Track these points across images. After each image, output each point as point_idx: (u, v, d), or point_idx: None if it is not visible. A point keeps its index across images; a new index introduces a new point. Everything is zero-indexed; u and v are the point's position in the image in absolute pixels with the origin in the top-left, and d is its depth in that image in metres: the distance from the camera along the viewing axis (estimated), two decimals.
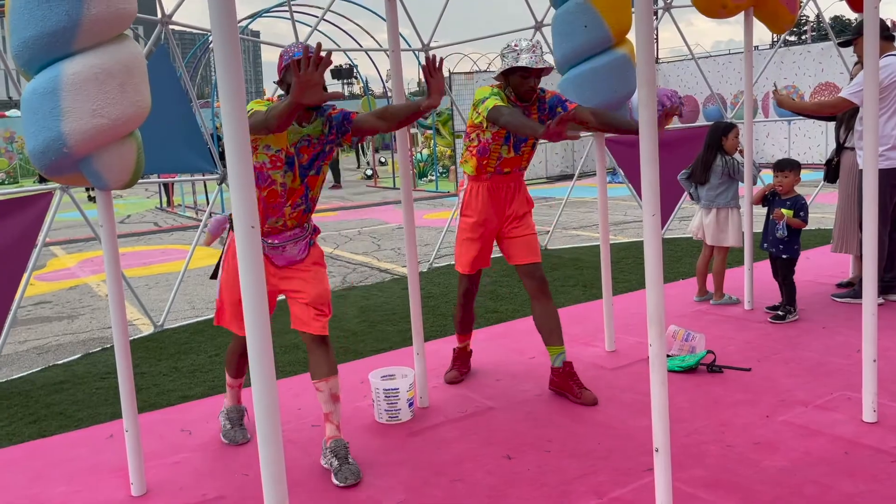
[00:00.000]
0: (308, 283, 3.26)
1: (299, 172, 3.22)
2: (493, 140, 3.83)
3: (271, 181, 3.17)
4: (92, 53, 2.51)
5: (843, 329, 4.71)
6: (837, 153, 5.52)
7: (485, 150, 3.86)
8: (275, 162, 3.14)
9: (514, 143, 3.87)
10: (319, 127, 3.23)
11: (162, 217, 15.63)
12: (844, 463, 3.00)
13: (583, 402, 3.76)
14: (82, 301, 7.73)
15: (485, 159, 3.87)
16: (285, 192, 3.21)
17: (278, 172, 3.15)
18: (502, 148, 3.85)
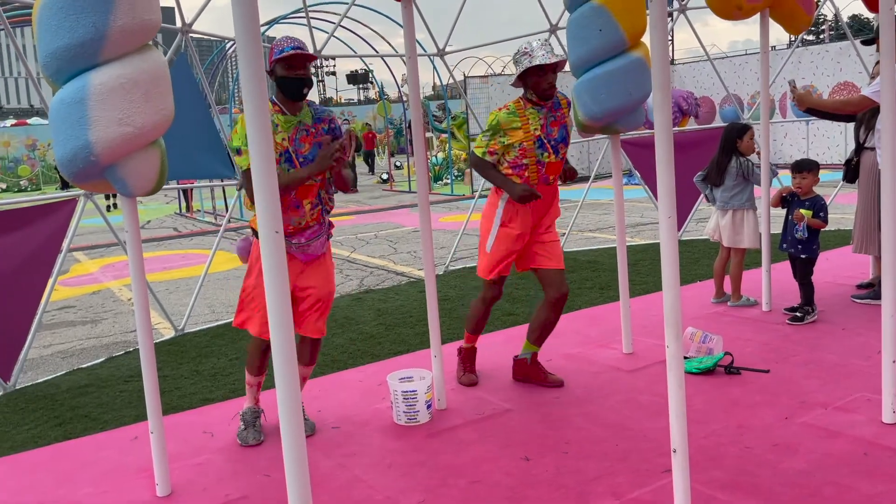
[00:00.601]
0: (322, 281, 3.54)
1: (301, 166, 3.38)
2: (523, 154, 3.86)
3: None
4: (118, 64, 2.58)
5: (863, 330, 4.69)
6: (857, 153, 5.49)
7: (518, 167, 3.89)
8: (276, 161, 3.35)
9: (552, 146, 3.90)
10: (309, 114, 3.46)
11: (181, 222, 15.80)
12: (864, 464, 3.00)
13: (551, 384, 4.08)
14: (105, 305, 7.85)
15: (525, 172, 3.89)
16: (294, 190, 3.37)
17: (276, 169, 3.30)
18: (541, 154, 3.87)
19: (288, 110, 3.41)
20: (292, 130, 3.40)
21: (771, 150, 17.58)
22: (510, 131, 3.87)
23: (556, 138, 3.92)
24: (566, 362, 4.50)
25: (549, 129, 3.92)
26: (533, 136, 3.86)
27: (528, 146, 3.86)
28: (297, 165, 3.38)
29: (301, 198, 3.42)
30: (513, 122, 3.87)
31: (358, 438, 3.62)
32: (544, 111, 3.92)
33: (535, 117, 3.89)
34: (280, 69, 3.33)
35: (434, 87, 31.59)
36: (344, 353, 5.18)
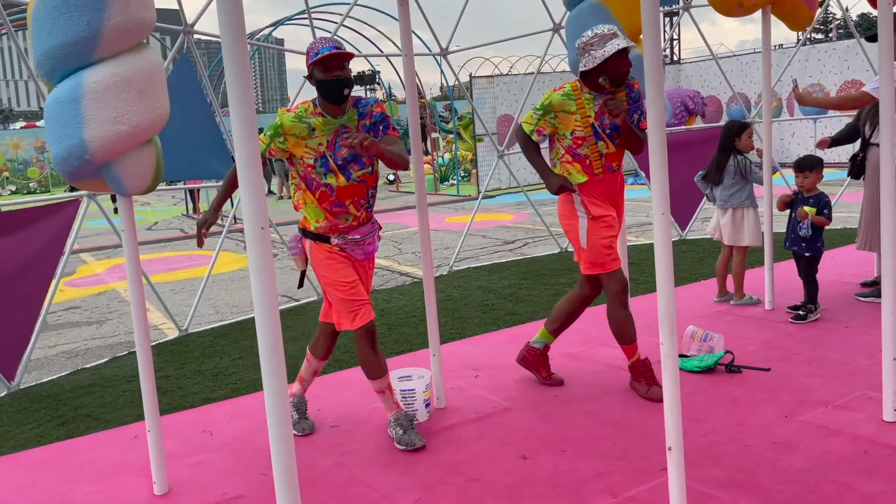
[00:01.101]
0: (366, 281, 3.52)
1: (339, 169, 3.31)
2: (578, 144, 3.72)
3: (316, 183, 3.33)
4: (112, 62, 2.59)
5: (867, 328, 4.65)
6: (863, 149, 5.46)
7: (577, 155, 3.75)
8: (306, 168, 3.32)
9: (608, 135, 3.72)
10: (355, 117, 3.36)
11: (188, 224, 15.85)
12: (864, 462, 2.98)
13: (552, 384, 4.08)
14: (110, 306, 7.88)
15: (587, 160, 3.74)
16: (333, 191, 3.33)
17: (313, 174, 3.32)
18: (598, 144, 3.72)
19: (329, 113, 3.30)
20: (332, 134, 3.30)
21: (778, 149, 17.52)
22: (562, 115, 3.70)
23: (609, 126, 3.72)
24: (567, 361, 4.49)
25: (603, 118, 3.71)
26: (588, 123, 3.68)
27: (585, 134, 3.69)
28: (334, 170, 3.30)
29: (343, 198, 3.34)
30: (567, 105, 3.70)
31: (357, 437, 3.62)
32: (599, 98, 3.71)
33: (590, 104, 3.70)
34: (318, 72, 3.21)
35: (441, 87, 31.60)
36: (346, 352, 5.18)
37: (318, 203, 3.35)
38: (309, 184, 3.35)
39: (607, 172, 3.78)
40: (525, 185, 12.98)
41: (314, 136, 3.29)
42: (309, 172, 3.32)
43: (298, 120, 3.28)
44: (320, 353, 3.73)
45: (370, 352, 3.39)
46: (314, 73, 3.22)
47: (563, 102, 3.70)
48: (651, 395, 3.77)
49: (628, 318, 3.82)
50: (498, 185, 17.09)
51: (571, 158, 3.77)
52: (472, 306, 6.23)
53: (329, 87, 3.21)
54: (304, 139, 3.28)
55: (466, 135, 19.74)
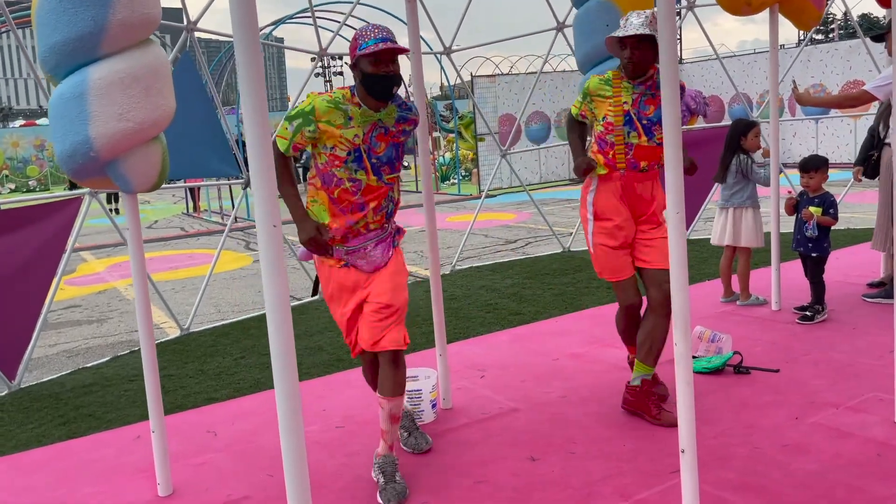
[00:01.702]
0: (386, 291, 3.04)
1: (372, 168, 2.99)
2: (608, 129, 3.50)
3: (338, 180, 2.97)
4: (118, 58, 2.55)
5: (874, 329, 4.62)
6: (878, 148, 5.43)
7: (603, 143, 3.54)
8: (332, 160, 2.96)
9: (644, 126, 3.44)
10: (394, 114, 3.05)
11: (188, 222, 15.82)
12: (876, 465, 2.94)
13: (662, 423, 3.44)
14: (111, 305, 7.85)
15: (610, 151, 3.52)
16: (359, 189, 2.98)
17: (341, 169, 2.95)
18: (628, 134, 3.46)
19: (368, 105, 2.96)
20: (368, 126, 2.97)
21: (780, 149, 17.49)
22: (597, 99, 3.54)
23: (649, 117, 3.45)
24: (573, 362, 4.45)
25: (643, 107, 3.47)
26: (622, 111, 3.46)
27: (615, 121, 3.47)
28: (367, 167, 2.97)
29: (367, 198, 3.01)
30: (603, 90, 3.52)
31: (362, 438, 3.58)
32: (641, 88, 3.48)
33: (628, 91, 3.48)
34: (366, 65, 2.87)
35: (442, 87, 31.55)
36: (350, 352, 5.14)
37: (331, 203, 3.00)
38: (327, 179, 2.98)
39: (631, 170, 3.50)
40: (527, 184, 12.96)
41: (350, 127, 2.94)
42: (335, 166, 2.95)
43: (335, 106, 2.92)
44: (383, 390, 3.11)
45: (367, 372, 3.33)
46: (360, 65, 2.89)
47: (599, 88, 3.54)
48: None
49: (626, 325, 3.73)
50: (499, 185, 17.06)
51: (597, 148, 3.59)
52: (476, 306, 6.20)
53: (378, 83, 2.89)
54: (339, 128, 2.93)
55: (467, 134, 19.71)
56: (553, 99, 18.15)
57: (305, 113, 2.93)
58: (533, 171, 17.95)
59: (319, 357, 5.06)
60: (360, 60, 2.88)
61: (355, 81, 2.99)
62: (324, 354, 5.11)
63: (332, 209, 3.02)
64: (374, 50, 2.82)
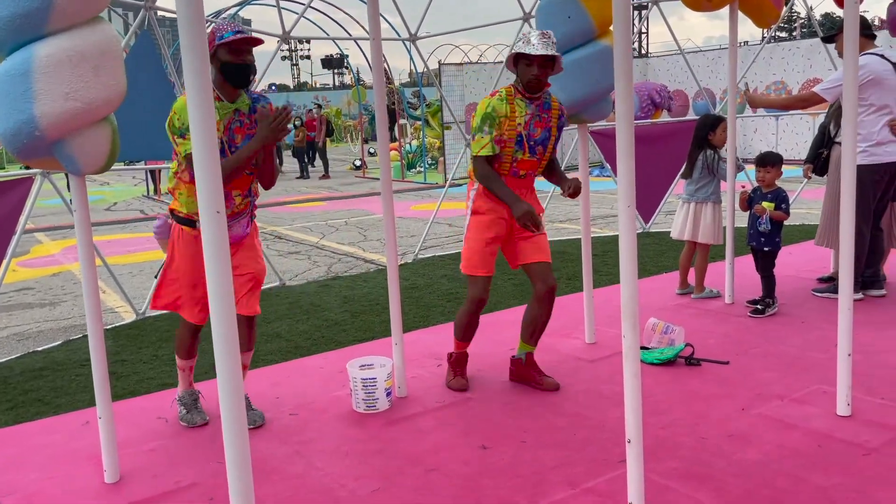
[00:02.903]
0: (250, 260, 3.46)
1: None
2: (500, 144, 3.66)
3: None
4: (65, 36, 2.48)
5: (822, 324, 4.74)
6: (827, 147, 5.56)
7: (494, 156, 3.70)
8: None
9: (529, 147, 3.70)
10: (247, 101, 3.32)
11: (149, 205, 15.53)
12: (817, 456, 3.03)
13: (545, 388, 3.85)
14: (65, 288, 7.68)
15: (497, 163, 3.71)
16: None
17: None
18: (516, 151, 3.68)
19: (224, 97, 3.26)
20: (227, 119, 3.26)
21: (741, 145, 17.76)
22: (502, 119, 3.63)
23: (536, 139, 3.70)
24: None
25: (533, 129, 3.69)
26: (515, 131, 3.64)
27: (508, 138, 3.64)
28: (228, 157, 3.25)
29: (231, 189, 3.32)
30: (504, 109, 3.64)
31: (315, 426, 3.57)
32: (532, 107, 3.68)
33: (521, 111, 3.66)
34: (223, 54, 3.16)
35: (410, 74, 31.41)
36: (308, 339, 5.12)
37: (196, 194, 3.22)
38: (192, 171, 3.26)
39: (510, 177, 3.73)
40: None
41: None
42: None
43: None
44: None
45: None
46: (219, 54, 3.16)
47: (501, 106, 3.64)
48: (453, 384, 3.95)
49: (469, 321, 3.92)
50: (465, 174, 17.06)
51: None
52: (437, 294, 6.21)
53: (236, 72, 3.18)
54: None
55: (434, 122, 19.66)
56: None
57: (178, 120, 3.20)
58: None
59: (276, 344, 5.02)
60: (218, 50, 3.16)
61: (213, 74, 3.21)
62: (281, 341, 5.08)
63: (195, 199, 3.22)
64: (231, 40, 3.12)
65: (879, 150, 4.92)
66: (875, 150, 4.91)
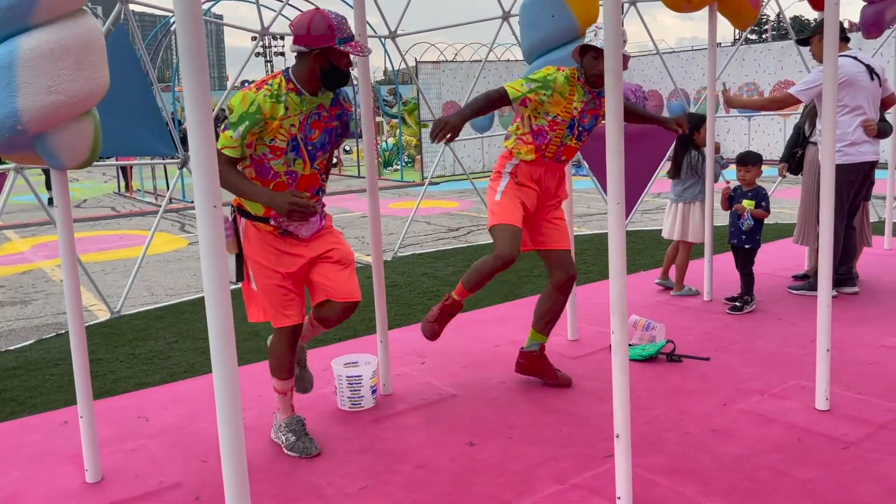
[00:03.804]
0: (334, 244, 3.19)
1: (309, 156, 3.04)
2: (552, 128, 3.63)
3: (274, 173, 3.01)
4: (48, 29, 2.43)
5: (799, 320, 4.82)
6: (802, 146, 5.65)
7: (542, 135, 3.65)
8: (275, 151, 2.98)
9: (577, 133, 3.69)
10: (329, 95, 3.08)
11: (120, 202, 15.31)
12: (798, 450, 3.08)
13: (559, 383, 3.83)
14: (36, 286, 7.54)
15: (545, 143, 3.65)
16: (294, 180, 3.05)
17: (279, 161, 2.99)
18: (566, 136, 3.66)
19: (307, 90, 2.97)
20: (304, 114, 2.99)
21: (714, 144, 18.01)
22: (556, 95, 3.57)
23: (585, 125, 3.71)
24: (512, 348, 4.50)
25: (585, 115, 3.69)
26: (570, 116, 3.62)
27: (562, 120, 3.61)
28: (304, 155, 3.01)
29: (302, 188, 3.08)
30: (565, 88, 3.59)
31: None
32: (590, 96, 3.68)
33: (580, 96, 3.64)
34: (335, 57, 2.91)
35: (385, 71, 31.31)
36: None
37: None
38: (263, 171, 3.01)
39: (553, 162, 3.74)
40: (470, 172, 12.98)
41: (288, 116, 2.95)
42: (274, 158, 2.98)
43: (276, 99, 2.93)
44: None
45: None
46: (327, 54, 2.89)
47: (563, 85, 3.59)
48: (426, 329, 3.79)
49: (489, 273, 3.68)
50: (443, 172, 17.05)
51: (532, 139, 3.67)
52: (417, 293, 6.20)
53: (340, 77, 2.97)
54: (280, 119, 2.94)
55: (411, 120, 19.62)
56: (497, 87, 18.20)
57: (251, 113, 2.89)
58: (476, 159, 18.01)
59: (256, 342, 4.98)
60: (327, 49, 2.88)
61: (301, 66, 2.96)
62: (260, 340, 5.03)
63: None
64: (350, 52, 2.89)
65: (853, 150, 5.01)
66: (849, 150, 5.00)
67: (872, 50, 8.50)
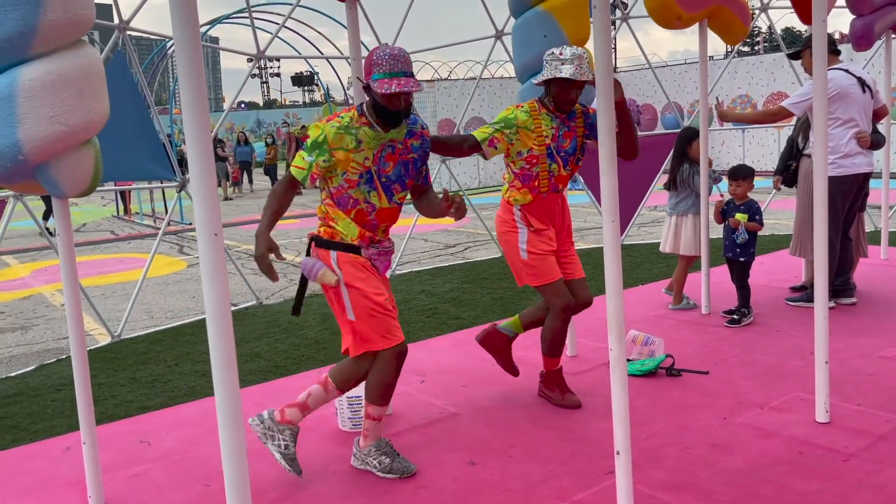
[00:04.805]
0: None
1: (383, 188, 3.08)
2: (531, 163, 3.65)
3: (354, 200, 3.06)
4: (49, 59, 2.47)
5: (797, 332, 4.84)
6: (796, 158, 5.70)
7: (528, 177, 3.69)
8: (350, 182, 3.04)
9: (562, 159, 3.68)
10: (404, 131, 3.10)
11: (119, 225, 15.34)
12: (799, 463, 3.09)
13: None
14: (36, 311, 7.55)
15: (536, 182, 3.68)
16: (374, 210, 3.09)
17: (355, 190, 3.05)
18: (550, 165, 3.66)
19: (380, 125, 3.03)
20: (378, 148, 3.04)
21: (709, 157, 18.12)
22: (523, 131, 3.61)
23: (567, 150, 3.69)
24: None
25: (562, 140, 3.68)
26: (543, 144, 3.63)
27: (539, 153, 3.63)
28: (378, 188, 3.05)
29: (381, 221, 3.14)
30: (529, 123, 3.62)
31: (301, 446, 3.53)
32: (558, 121, 3.67)
33: (547, 124, 3.65)
34: (378, 95, 2.92)
35: None
36: (288, 358, 5.09)
37: (353, 220, 3.09)
38: (343, 202, 3.07)
39: (552, 193, 3.74)
40: (466, 189, 13.06)
41: (360, 150, 3.01)
42: (347, 189, 3.04)
43: (345, 131, 2.99)
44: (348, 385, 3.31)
45: (394, 376, 3.15)
46: (371, 91, 2.95)
47: (527, 120, 3.63)
48: (566, 402, 3.84)
49: (563, 334, 3.83)
50: (438, 190, 17.10)
51: (521, 184, 3.72)
52: (416, 311, 6.22)
53: (390, 116, 2.98)
54: (350, 152, 3.00)
55: None
56: (491, 105, 18.34)
57: (319, 143, 2.98)
58: (472, 175, 18.09)
59: (256, 364, 4.99)
60: (371, 87, 2.91)
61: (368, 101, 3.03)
62: (261, 361, 5.05)
63: (356, 224, 3.11)
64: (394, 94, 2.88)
65: (847, 162, 5.06)
66: (843, 162, 5.05)
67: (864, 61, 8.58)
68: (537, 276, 3.74)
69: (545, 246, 3.75)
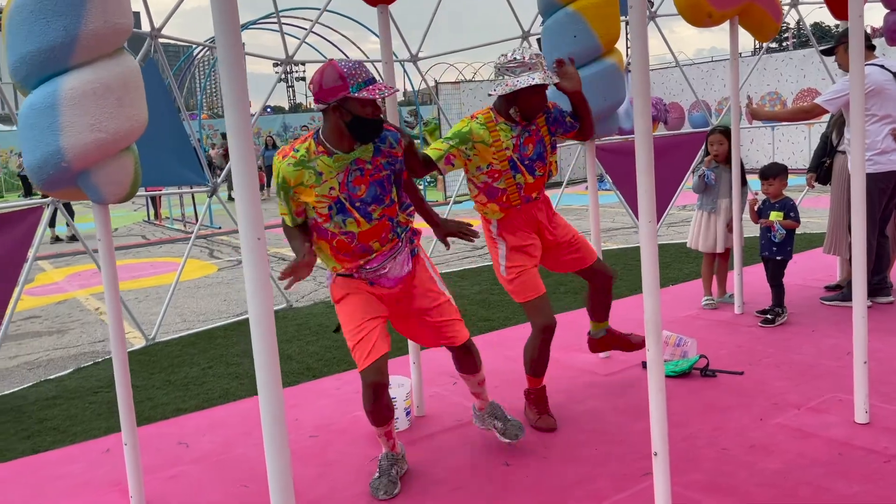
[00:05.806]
0: (428, 301, 3.17)
1: (360, 212, 2.89)
2: (493, 177, 3.46)
3: (331, 234, 2.93)
4: (90, 68, 2.52)
5: (833, 331, 4.77)
6: (830, 155, 5.62)
7: (493, 192, 3.50)
8: (322, 216, 2.90)
9: (526, 167, 3.48)
10: (370, 148, 2.92)
11: (150, 230, 15.56)
12: (838, 464, 3.04)
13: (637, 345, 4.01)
14: (71, 315, 7.69)
15: (503, 196, 3.50)
16: (354, 238, 2.92)
17: (330, 223, 2.90)
18: (515, 176, 3.47)
19: (340, 148, 2.84)
20: (342, 174, 2.85)
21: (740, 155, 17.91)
22: (479, 145, 3.40)
23: (530, 157, 3.48)
24: None
25: (523, 148, 3.47)
26: (505, 157, 3.43)
27: (501, 167, 3.43)
28: (353, 213, 2.87)
29: (366, 241, 2.95)
30: (484, 136, 3.41)
31: (337, 447, 3.58)
32: (518, 128, 3.47)
33: (506, 134, 3.44)
34: (356, 107, 2.74)
35: (405, 93, 31.60)
36: (319, 360, 5.13)
37: (334, 250, 2.98)
38: (322, 233, 2.95)
39: (525, 203, 3.55)
40: None
41: (323, 182, 2.84)
42: (322, 223, 2.90)
43: (303, 166, 2.82)
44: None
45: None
46: (347, 106, 2.74)
47: (482, 133, 3.41)
48: (540, 423, 3.63)
49: (545, 353, 3.65)
50: (465, 191, 17.12)
51: (487, 199, 3.54)
52: None
53: (366, 128, 2.80)
54: (312, 187, 2.84)
55: (432, 140, 19.76)
56: None
57: (282, 187, 2.87)
58: None
59: (288, 366, 5.03)
60: (346, 101, 2.73)
61: (326, 125, 2.84)
62: (293, 363, 5.09)
63: (337, 255, 3.01)
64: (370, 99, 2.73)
65: (883, 159, 4.97)
66: (879, 159, 4.97)
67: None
68: (518, 292, 3.61)
69: (526, 259, 3.59)
